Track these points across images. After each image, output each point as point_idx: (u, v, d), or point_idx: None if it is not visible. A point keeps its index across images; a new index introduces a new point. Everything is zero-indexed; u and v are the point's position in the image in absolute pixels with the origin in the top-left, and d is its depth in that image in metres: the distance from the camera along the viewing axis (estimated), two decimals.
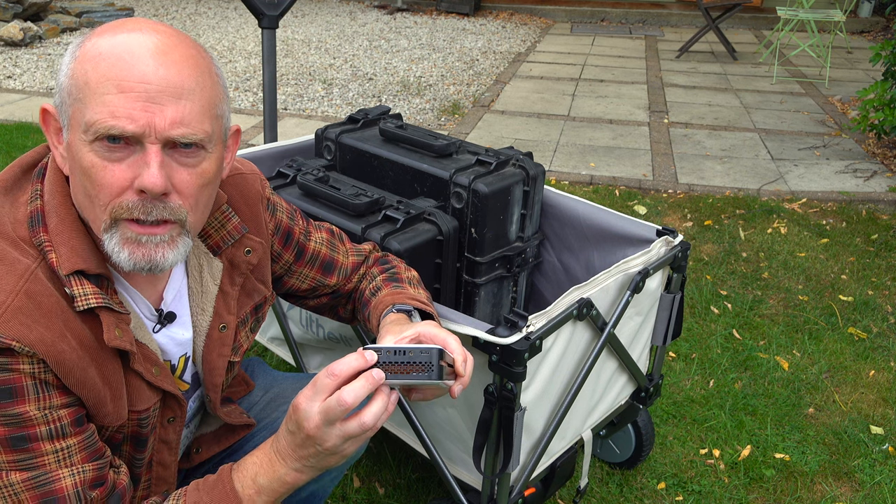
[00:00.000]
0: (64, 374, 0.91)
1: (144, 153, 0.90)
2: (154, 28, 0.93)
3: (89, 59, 0.89)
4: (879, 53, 4.51)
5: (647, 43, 7.81)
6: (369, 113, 2.11)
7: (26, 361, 0.88)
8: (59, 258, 0.93)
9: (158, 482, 1.16)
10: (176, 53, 0.92)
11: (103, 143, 0.89)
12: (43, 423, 0.91)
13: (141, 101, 0.88)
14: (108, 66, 0.88)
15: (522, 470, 1.54)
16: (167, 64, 0.90)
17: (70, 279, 0.93)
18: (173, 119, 0.90)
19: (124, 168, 0.90)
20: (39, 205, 0.96)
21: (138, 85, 0.88)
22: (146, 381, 1.03)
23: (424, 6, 9.31)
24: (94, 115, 0.88)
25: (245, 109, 5.35)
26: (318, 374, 0.94)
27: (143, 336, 1.04)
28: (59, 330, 0.91)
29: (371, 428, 0.94)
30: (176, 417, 1.12)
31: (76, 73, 0.90)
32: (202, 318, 1.13)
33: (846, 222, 3.72)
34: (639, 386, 1.85)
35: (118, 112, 0.87)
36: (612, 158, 4.52)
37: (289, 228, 1.28)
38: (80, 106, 0.89)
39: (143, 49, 0.89)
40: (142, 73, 0.88)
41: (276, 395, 1.42)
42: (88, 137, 0.89)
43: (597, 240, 1.91)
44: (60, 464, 0.93)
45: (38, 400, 0.90)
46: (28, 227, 0.95)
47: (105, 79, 0.88)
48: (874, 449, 2.23)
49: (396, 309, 1.21)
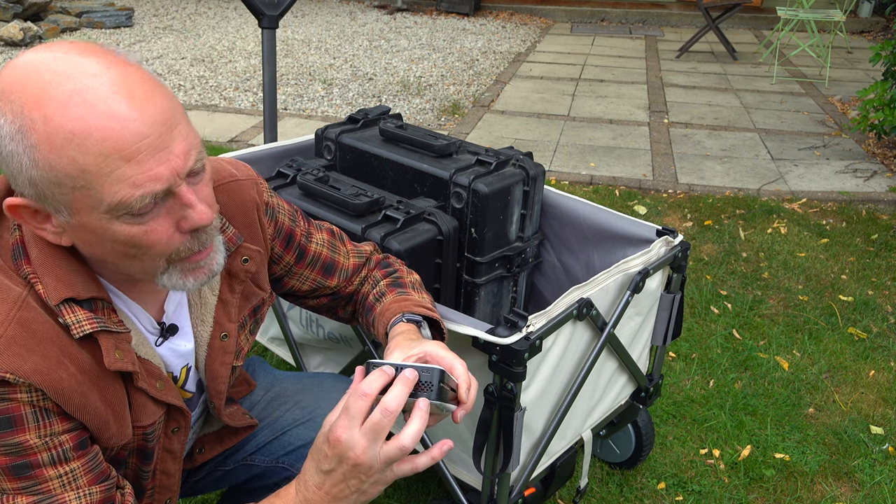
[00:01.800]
0: (64, 401, 0.89)
1: (177, 197, 0.86)
2: (92, 64, 0.81)
3: (64, 143, 0.79)
4: (879, 53, 4.51)
5: (647, 43, 7.81)
6: (369, 113, 2.11)
7: (24, 390, 0.86)
8: (46, 288, 0.89)
9: (162, 490, 1.16)
10: (133, 82, 0.82)
11: (128, 213, 0.83)
12: (44, 450, 0.89)
13: (151, 157, 0.81)
14: (97, 143, 0.79)
15: (522, 470, 1.54)
16: (141, 102, 0.81)
17: (61, 308, 0.90)
18: (183, 152, 0.85)
19: (162, 221, 0.86)
20: (18, 236, 0.92)
21: (140, 143, 0.80)
22: (151, 396, 1.02)
23: (424, 6, 9.30)
24: (115, 196, 0.81)
25: (245, 109, 5.35)
26: (345, 403, 0.91)
27: (146, 352, 1.02)
28: (55, 357, 0.88)
29: (409, 448, 0.91)
30: (180, 428, 1.12)
31: (55, 163, 0.79)
32: (203, 329, 1.12)
33: (846, 222, 3.72)
34: (639, 386, 1.85)
35: (138, 180, 0.81)
36: (612, 158, 4.52)
37: (290, 231, 1.27)
38: (86, 192, 0.81)
39: (113, 102, 0.79)
40: (134, 130, 0.80)
41: (278, 395, 1.42)
42: (114, 214, 0.83)
43: (597, 240, 1.91)
44: (66, 488, 0.91)
45: (39, 428, 0.88)
46: (12, 259, 0.91)
47: (103, 157, 0.79)
48: (874, 449, 2.23)
49: (406, 319, 1.19)
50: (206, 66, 6.39)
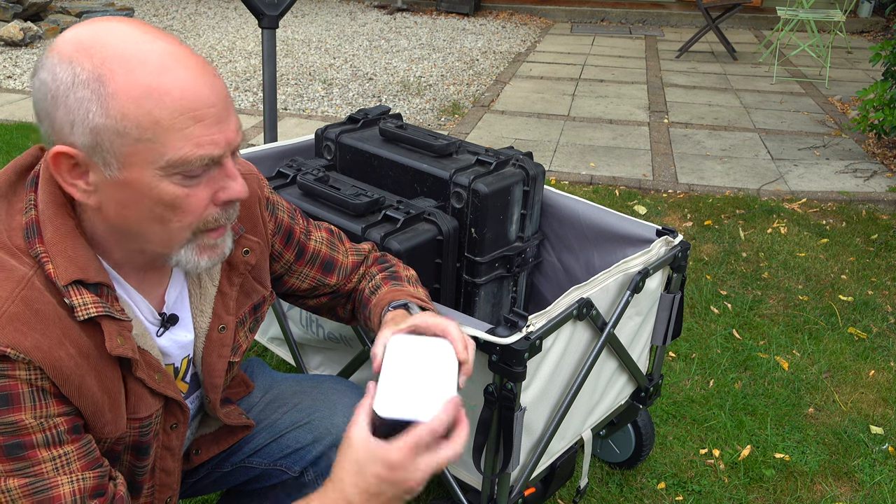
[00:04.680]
0: (61, 381, 0.90)
1: (222, 168, 0.93)
2: (160, 36, 0.90)
3: (142, 95, 0.85)
4: (879, 53, 4.51)
5: (647, 43, 7.81)
6: (369, 113, 2.11)
7: (23, 368, 0.87)
8: (57, 269, 0.92)
9: (162, 489, 1.16)
10: (203, 60, 0.92)
11: (182, 173, 0.90)
12: (39, 431, 0.90)
13: (215, 125, 0.90)
14: (175, 100, 0.87)
15: (522, 470, 1.54)
16: (209, 77, 0.91)
17: (69, 289, 0.92)
18: (236, 128, 0.94)
19: (203, 188, 0.93)
20: (34, 215, 0.94)
21: (209, 110, 0.89)
22: (148, 388, 1.02)
23: (424, 6, 9.30)
24: (178, 152, 0.88)
25: (245, 109, 5.35)
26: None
27: (146, 342, 1.03)
28: (56, 337, 0.90)
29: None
30: (179, 423, 1.12)
31: (129, 112, 0.85)
32: (201, 320, 1.13)
33: (846, 222, 3.72)
34: (639, 386, 1.85)
35: (202, 141, 0.89)
36: (612, 158, 4.52)
37: (290, 227, 1.28)
38: (149, 145, 0.87)
39: (191, 69, 0.89)
40: (206, 96, 0.89)
41: (276, 397, 1.42)
42: (168, 172, 0.89)
43: (597, 240, 1.91)
44: (59, 471, 0.91)
45: (35, 408, 0.89)
46: (24, 238, 0.93)
47: (178, 113, 0.87)
48: (874, 449, 2.23)
49: (393, 306, 1.21)
50: None
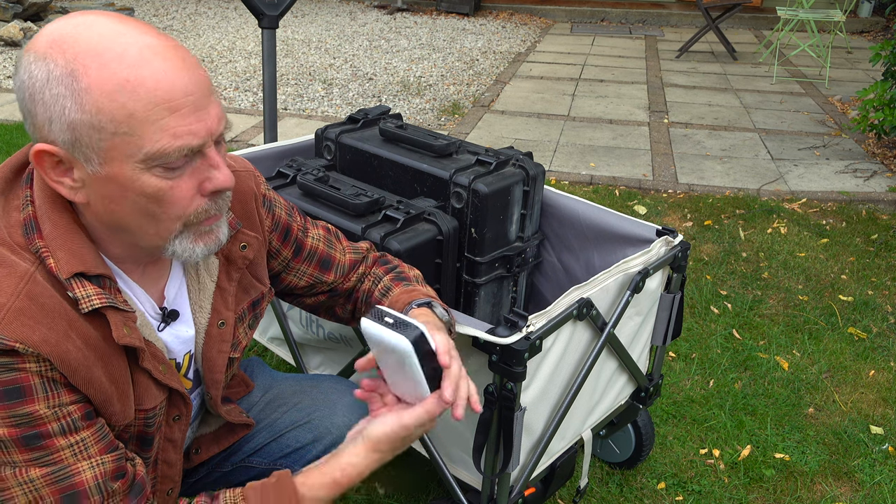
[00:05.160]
0: (70, 373, 0.91)
1: (205, 158, 0.92)
2: (139, 28, 0.89)
3: (115, 89, 0.84)
4: (879, 53, 4.51)
5: (647, 43, 7.81)
6: (369, 113, 2.11)
7: (32, 360, 0.88)
8: (58, 262, 0.92)
9: (164, 480, 1.16)
10: (181, 49, 0.90)
11: (162, 165, 0.89)
12: (54, 420, 0.91)
13: (192, 114, 0.88)
14: (149, 92, 0.85)
15: (522, 470, 1.54)
16: (190, 65, 0.89)
17: (71, 282, 0.92)
18: (217, 116, 0.92)
19: (187, 179, 0.92)
20: (31, 211, 0.94)
21: (185, 99, 0.87)
22: (154, 378, 1.03)
23: (424, 6, 9.30)
24: (154, 144, 0.86)
25: (245, 109, 5.35)
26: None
27: (150, 335, 1.04)
28: (63, 330, 0.91)
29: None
30: (181, 415, 1.12)
31: (103, 106, 0.84)
32: (201, 316, 1.14)
33: (846, 222, 3.72)
34: (639, 386, 1.85)
35: (179, 132, 0.87)
36: (612, 158, 4.52)
37: (287, 224, 1.28)
38: (126, 139, 0.86)
39: (166, 59, 0.87)
40: (182, 86, 0.87)
41: (276, 396, 1.42)
42: (148, 165, 0.88)
43: (597, 240, 1.91)
44: (78, 457, 0.93)
45: (47, 398, 0.90)
46: (23, 234, 0.93)
47: (152, 105, 0.85)
48: (874, 449, 2.23)
49: (417, 304, 1.22)
50: (206, 66, 6.39)
